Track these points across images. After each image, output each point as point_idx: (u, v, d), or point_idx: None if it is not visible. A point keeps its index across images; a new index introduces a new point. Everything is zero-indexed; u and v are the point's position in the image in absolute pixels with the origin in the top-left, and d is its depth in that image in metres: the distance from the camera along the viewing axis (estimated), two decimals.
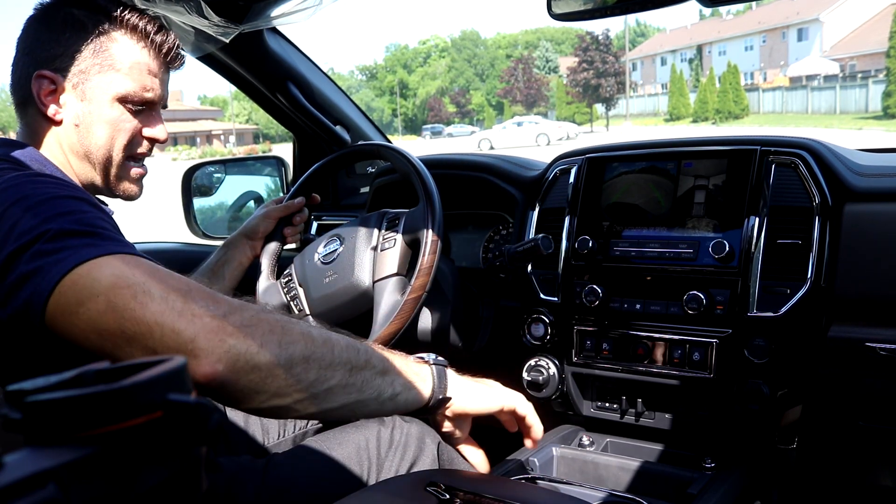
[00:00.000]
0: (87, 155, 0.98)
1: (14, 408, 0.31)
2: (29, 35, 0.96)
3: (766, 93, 33.57)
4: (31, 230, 0.73)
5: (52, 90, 0.94)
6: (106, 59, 0.95)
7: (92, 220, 0.77)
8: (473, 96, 64.56)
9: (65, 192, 0.80)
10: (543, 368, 1.41)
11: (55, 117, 0.95)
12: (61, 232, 0.73)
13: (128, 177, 1.04)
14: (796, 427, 1.25)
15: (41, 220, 0.74)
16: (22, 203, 0.76)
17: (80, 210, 0.77)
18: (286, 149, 2.32)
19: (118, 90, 0.97)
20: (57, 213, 0.75)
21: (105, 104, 0.96)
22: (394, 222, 1.35)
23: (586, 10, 1.00)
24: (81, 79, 0.94)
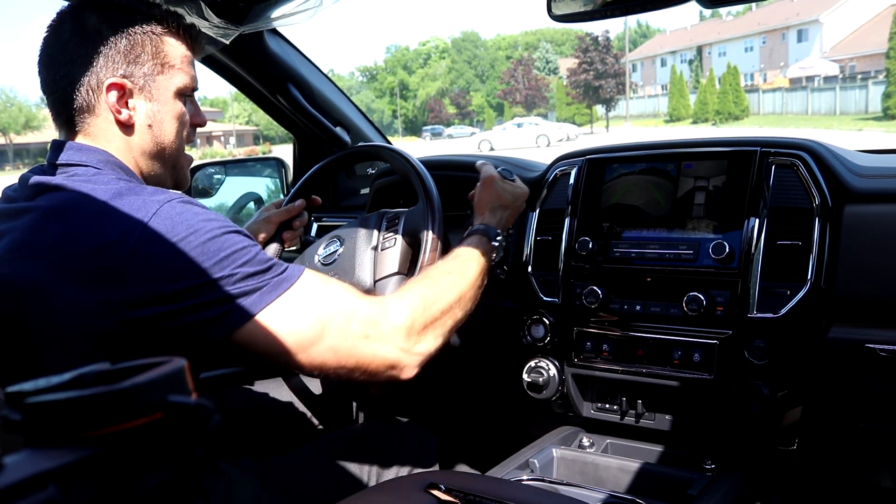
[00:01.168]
0: (160, 152, 1.02)
1: (14, 409, 0.31)
2: (72, 45, 0.95)
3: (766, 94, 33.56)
4: (217, 265, 0.86)
5: (122, 96, 0.96)
6: (163, 58, 0.99)
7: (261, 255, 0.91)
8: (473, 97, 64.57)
9: (227, 226, 0.90)
10: (543, 370, 1.41)
11: (129, 122, 0.97)
12: (249, 273, 0.88)
13: (186, 165, 1.10)
14: (796, 428, 1.25)
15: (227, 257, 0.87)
16: (198, 236, 0.86)
17: (251, 245, 0.90)
18: (286, 150, 2.32)
19: (178, 85, 1.01)
20: (237, 249, 0.88)
21: (170, 101, 1.01)
22: (394, 222, 1.35)
23: (586, 11, 1.00)
24: (147, 81, 0.98)
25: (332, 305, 0.92)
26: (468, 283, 1.09)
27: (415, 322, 0.97)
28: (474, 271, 1.12)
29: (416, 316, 0.98)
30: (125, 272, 0.82)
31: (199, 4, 1.33)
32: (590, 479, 1.31)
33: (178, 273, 0.84)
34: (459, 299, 1.06)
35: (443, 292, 1.04)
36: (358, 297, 0.96)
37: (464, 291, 1.07)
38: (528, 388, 1.43)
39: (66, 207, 0.87)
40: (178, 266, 0.84)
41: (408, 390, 1.87)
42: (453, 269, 1.10)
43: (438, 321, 1.02)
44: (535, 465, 1.30)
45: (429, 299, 1.01)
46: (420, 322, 0.98)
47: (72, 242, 0.83)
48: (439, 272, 1.09)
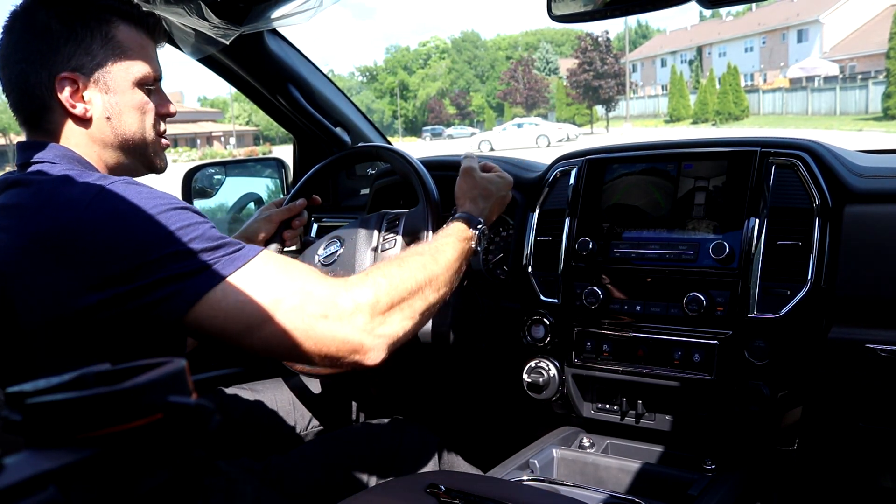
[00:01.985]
0: (123, 143, 1.00)
1: (15, 410, 0.31)
2: (22, 43, 0.94)
3: (766, 94, 33.55)
4: (162, 242, 0.83)
5: (76, 90, 0.95)
6: (115, 47, 0.97)
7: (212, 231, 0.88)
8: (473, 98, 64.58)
9: (172, 202, 0.88)
10: (544, 370, 1.41)
11: (85, 115, 0.96)
12: (196, 249, 0.84)
13: (160, 150, 1.07)
14: (797, 428, 1.24)
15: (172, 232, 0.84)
16: (140, 214, 0.84)
17: (200, 222, 0.87)
18: (286, 150, 2.32)
19: (136, 75, 0.99)
20: (185, 226, 0.85)
21: (128, 91, 0.99)
22: (394, 223, 1.35)
23: (586, 11, 1.00)
24: (101, 72, 0.96)
25: (287, 284, 0.87)
26: (441, 265, 1.04)
27: (379, 301, 0.91)
28: (449, 255, 1.07)
29: (380, 295, 0.92)
30: (71, 254, 0.81)
31: (199, 5, 1.33)
32: (590, 479, 1.31)
33: (125, 253, 0.82)
34: (430, 281, 1.00)
35: (412, 272, 0.98)
36: (317, 276, 0.91)
37: (436, 273, 1.02)
38: (529, 389, 1.43)
39: (15, 202, 0.87)
40: (125, 246, 0.82)
41: (408, 390, 1.87)
42: (425, 251, 1.05)
43: (406, 301, 0.95)
44: (535, 465, 1.30)
45: (395, 278, 0.95)
46: (385, 301, 0.92)
47: (21, 233, 0.84)
48: (410, 254, 1.05)
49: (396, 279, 0.96)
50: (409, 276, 0.97)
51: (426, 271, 1.01)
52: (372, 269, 0.98)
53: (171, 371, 0.33)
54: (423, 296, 0.99)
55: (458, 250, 1.09)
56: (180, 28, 1.40)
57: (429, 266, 1.02)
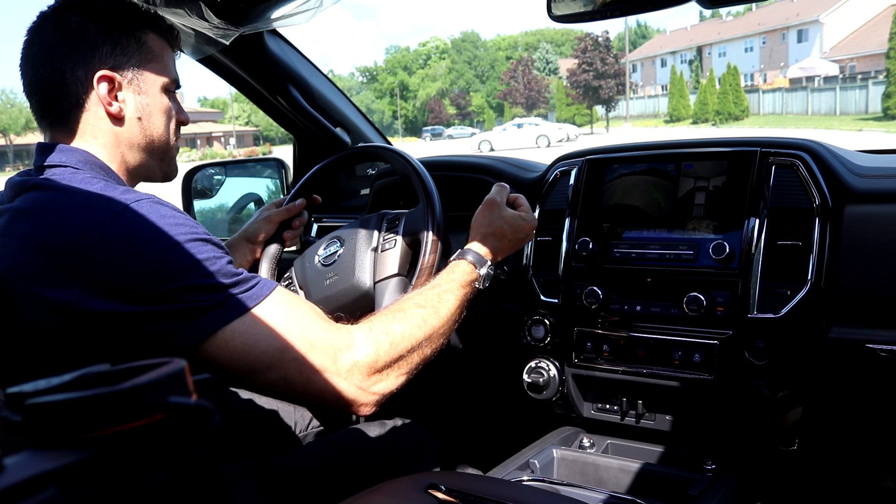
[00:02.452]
0: (149, 145, 1.02)
1: (15, 410, 0.31)
2: (57, 43, 0.95)
3: (766, 94, 33.56)
4: (182, 273, 0.83)
5: (111, 88, 0.96)
6: (148, 52, 0.99)
7: (228, 266, 0.88)
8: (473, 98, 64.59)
9: (196, 233, 0.88)
10: (544, 370, 1.41)
11: (119, 114, 0.97)
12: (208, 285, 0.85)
13: (174, 159, 1.09)
14: (797, 428, 1.24)
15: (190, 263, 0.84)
16: (162, 240, 0.84)
17: (217, 256, 0.88)
18: (286, 151, 2.32)
19: (164, 80, 1.02)
20: (204, 259, 0.85)
21: (157, 95, 1.01)
22: (394, 223, 1.35)
23: (586, 11, 1.00)
24: (136, 74, 0.98)
25: (293, 332, 0.88)
26: (442, 319, 1.03)
27: (378, 360, 0.93)
28: (450, 306, 1.06)
29: (380, 354, 0.93)
30: (86, 271, 0.81)
31: (199, 5, 1.33)
32: (590, 479, 1.31)
33: (142, 278, 0.82)
34: (429, 337, 1.01)
35: (413, 329, 0.99)
36: (322, 325, 0.92)
37: (435, 328, 1.02)
38: (529, 389, 1.43)
39: (34, 208, 0.87)
40: (144, 271, 0.82)
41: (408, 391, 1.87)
42: (428, 302, 1.04)
43: (404, 359, 0.97)
44: (535, 465, 1.29)
45: (397, 336, 0.96)
46: (384, 360, 0.94)
47: (37, 242, 0.83)
48: (412, 305, 1.03)
49: (398, 336, 0.97)
50: (409, 333, 0.98)
51: (426, 327, 1.01)
52: (375, 323, 0.98)
53: (171, 371, 0.33)
54: (420, 352, 1.00)
55: (460, 297, 1.09)
56: (180, 28, 1.40)
57: (430, 321, 1.02)
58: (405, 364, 0.97)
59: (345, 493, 1.00)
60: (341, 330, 0.93)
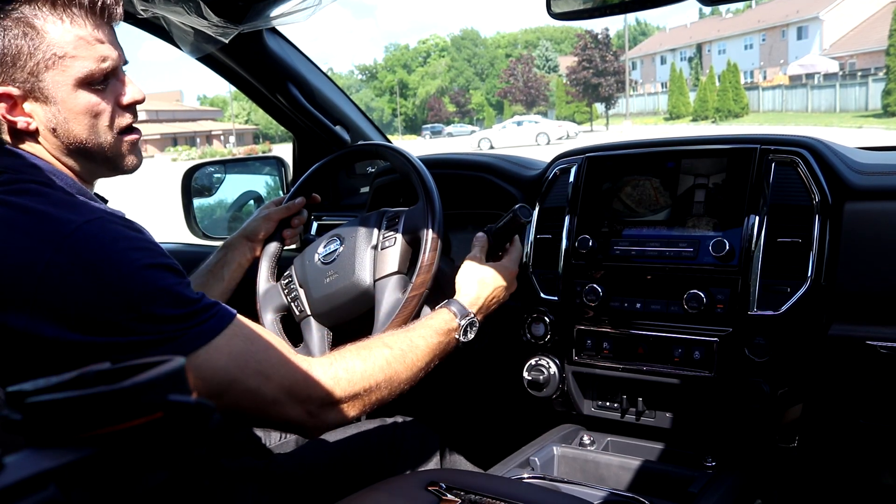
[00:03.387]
0: (79, 149, 0.91)
1: (15, 409, 0.31)
2: None
3: (766, 91, 33.55)
4: (131, 304, 0.79)
5: (13, 104, 0.86)
6: (46, 50, 0.84)
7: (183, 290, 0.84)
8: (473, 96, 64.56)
9: (149, 259, 0.83)
10: (544, 368, 1.41)
11: (29, 128, 0.87)
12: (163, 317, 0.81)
13: (124, 151, 0.96)
14: (797, 426, 1.24)
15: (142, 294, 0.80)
16: (112, 268, 0.79)
17: (172, 284, 0.83)
18: (286, 149, 2.32)
19: (76, 76, 0.87)
20: (158, 289, 0.81)
21: (69, 96, 0.87)
22: (394, 221, 1.35)
23: (585, 9, 1.00)
24: (33, 82, 0.85)
25: (248, 365, 0.85)
26: (406, 364, 1.03)
27: (333, 395, 0.93)
28: (419, 352, 1.06)
29: (336, 390, 0.93)
30: (34, 297, 0.75)
31: (199, 3, 1.33)
32: (591, 476, 1.31)
33: (88, 306, 0.76)
34: (390, 380, 1.01)
35: (374, 370, 0.99)
36: (280, 358, 0.89)
37: (398, 372, 1.02)
38: (529, 386, 1.43)
39: None
40: (91, 298, 0.76)
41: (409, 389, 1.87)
42: (396, 345, 1.04)
43: (359, 398, 0.97)
44: (535, 463, 1.30)
45: (356, 374, 0.96)
46: (339, 395, 0.94)
47: None
48: (380, 345, 1.03)
49: (357, 375, 0.97)
50: (370, 373, 0.98)
51: (389, 370, 1.01)
52: (336, 357, 0.98)
53: (171, 370, 0.33)
54: (378, 392, 1.00)
55: (432, 346, 1.09)
56: (179, 26, 1.40)
57: (393, 364, 1.02)
58: (359, 401, 0.98)
59: (345, 490, 1.00)
60: (300, 362, 0.91)
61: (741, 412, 1.22)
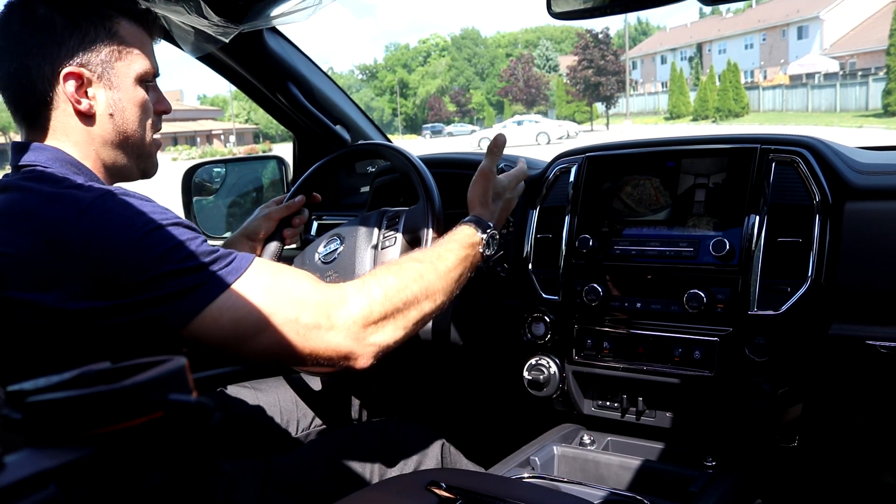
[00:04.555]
0: (123, 141, 0.99)
1: (15, 408, 0.31)
2: (23, 36, 0.93)
3: (767, 91, 33.54)
4: (156, 261, 0.83)
5: (80, 85, 0.93)
6: (119, 43, 0.96)
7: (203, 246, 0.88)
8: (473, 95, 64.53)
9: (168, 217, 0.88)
10: (544, 367, 1.41)
11: (89, 111, 0.95)
12: (196, 263, 0.85)
13: (154, 152, 1.06)
14: (797, 425, 1.25)
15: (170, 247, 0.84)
16: (132, 230, 0.83)
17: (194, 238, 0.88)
18: (286, 148, 2.32)
19: (138, 71, 0.98)
20: (177, 244, 0.85)
21: (130, 88, 0.98)
22: (394, 221, 1.35)
23: (586, 8, 1.00)
24: (105, 68, 0.95)
25: (281, 294, 0.88)
26: (439, 274, 1.03)
27: (372, 311, 0.93)
28: (449, 262, 1.06)
29: (374, 306, 0.93)
30: (59, 273, 0.81)
31: (199, 3, 1.33)
32: (591, 476, 1.31)
33: (117, 270, 0.81)
34: (426, 291, 1.00)
35: (408, 282, 0.99)
36: (311, 284, 0.92)
37: (432, 283, 1.02)
38: (529, 386, 1.44)
39: (9, 210, 0.86)
40: (114, 265, 0.81)
41: (409, 388, 1.87)
42: (425, 258, 1.05)
43: (401, 312, 0.97)
44: (536, 462, 1.30)
45: (391, 288, 0.96)
46: (378, 311, 0.94)
47: (13, 243, 0.83)
48: (409, 260, 1.04)
49: (392, 289, 0.96)
50: (404, 285, 0.98)
51: (423, 281, 1.01)
52: (368, 277, 0.98)
53: (171, 369, 0.33)
54: (418, 306, 0.99)
55: (459, 257, 1.08)
56: (180, 26, 1.40)
57: (426, 275, 1.02)
58: (401, 317, 0.97)
59: (346, 490, 1.00)
60: (332, 287, 0.93)
61: (741, 412, 1.22)
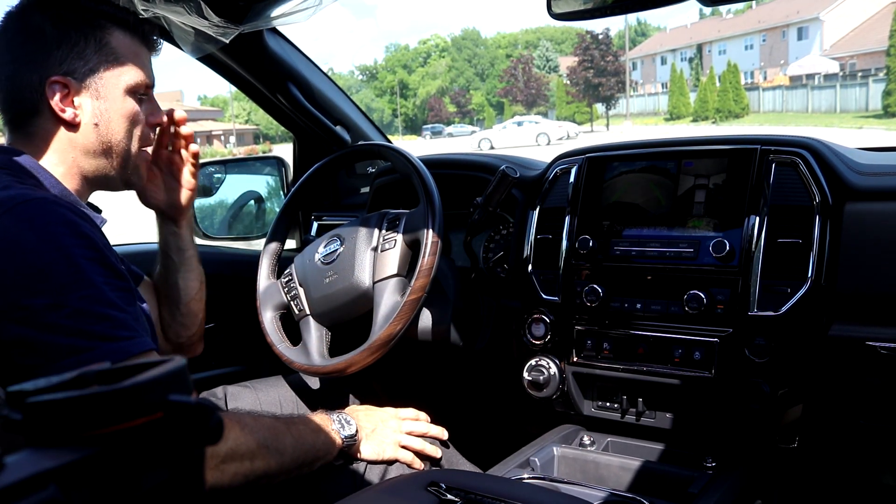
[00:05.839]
0: (107, 151, 0.98)
1: (15, 409, 0.31)
2: (15, 44, 0.94)
3: (767, 92, 33.55)
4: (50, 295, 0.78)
5: (66, 94, 0.94)
6: (109, 53, 0.96)
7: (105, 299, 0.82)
8: (474, 96, 64.55)
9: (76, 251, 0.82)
10: (544, 368, 1.41)
11: (74, 120, 0.95)
12: (81, 312, 0.79)
13: (141, 165, 1.05)
14: (797, 426, 1.25)
15: (59, 292, 0.79)
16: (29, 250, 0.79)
17: (94, 287, 0.81)
18: (286, 149, 2.32)
19: (128, 82, 0.98)
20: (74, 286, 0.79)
21: (119, 98, 0.98)
22: (394, 223, 1.35)
23: (586, 9, 1.00)
24: (92, 78, 0.95)
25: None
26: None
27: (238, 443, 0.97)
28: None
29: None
30: None
31: (199, 3, 1.33)
32: (591, 477, 1.31)
33: (11, 287, 0.78)
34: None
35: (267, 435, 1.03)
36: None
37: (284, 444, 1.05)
38: (529, 387, 1.43)
39: None
40: (13, 277, 0.78)
41: (408, 388, 1.87)
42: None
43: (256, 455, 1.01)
44: (535, 463, 1.30)
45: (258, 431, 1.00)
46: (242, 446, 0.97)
47: None
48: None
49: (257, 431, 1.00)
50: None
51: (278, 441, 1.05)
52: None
53: (171, 369, 0.33)
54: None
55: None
56: (180, 26, 1.40)
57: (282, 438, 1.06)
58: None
59: (346, 491, 1.00)
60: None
61: (741, 412, 1.22)
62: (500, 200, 1.45)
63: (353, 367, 1.27)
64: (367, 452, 1.20)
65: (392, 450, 1.22)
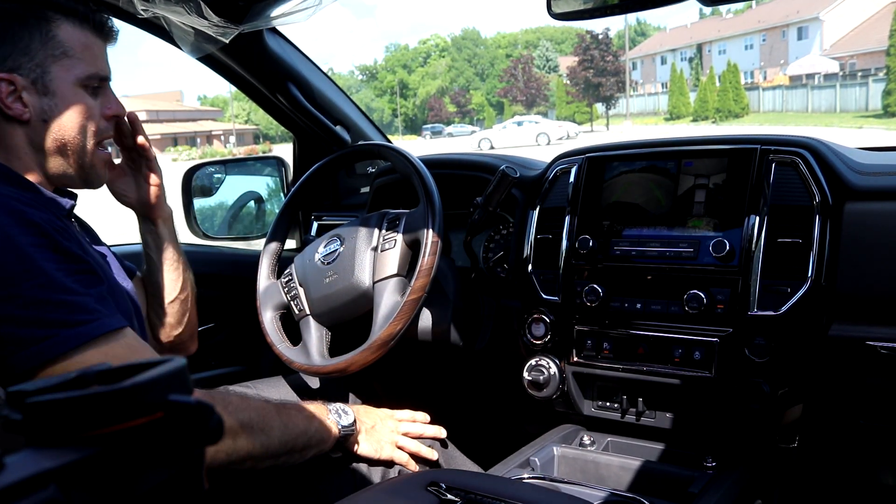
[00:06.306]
0: (61, 148, 0.96)
1: (15, 409, 0.31)
2: None
3: (767, 91, 33.55)
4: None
5: (12, 90, 0.91)
6: (56, 46, 0.93)
7: (62, 283, 0.81)
8: (473, 96, 64.53)
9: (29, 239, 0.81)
10: (544, 368, 1.41)
11: (22, 117, 0.92)
12: (36, 301, 0.78)
13: (98, 163, 1.02)
14: (797, 426, 1.25)
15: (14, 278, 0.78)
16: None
17: (50, 271, 0.80)
18: (286, 149, 2.32)
19: (78, 75, 0.95)
20: (29, 276, 0.78)
21: (69, 93, 0.95)
22: (394, 223, 1.35)
23: (586, 9, 1.00)
24: (39, 73, 0.92)
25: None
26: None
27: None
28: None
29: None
30: None
31: (199, 3, 1.33)
32: (591, 477, 1.31)
33: None
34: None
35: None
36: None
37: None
38: (529, 387, 1.43)
39: None
40: None
41: (408, 388, 1.87)
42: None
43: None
44: (536, 463, 1.30)
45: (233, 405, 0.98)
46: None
47: None
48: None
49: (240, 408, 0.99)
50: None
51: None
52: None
53: (171, 369, 0.33)
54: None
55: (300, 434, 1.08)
56: (180, 26, 1.40)
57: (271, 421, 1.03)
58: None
59: (347, 490, 1.00)
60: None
61: (741, 412, 1.22)
62: (500, 200, 1.45)
63: (353, 366, 1.27)
64: (364, 449, 1.19)
65: (389, 449, 1.22)
